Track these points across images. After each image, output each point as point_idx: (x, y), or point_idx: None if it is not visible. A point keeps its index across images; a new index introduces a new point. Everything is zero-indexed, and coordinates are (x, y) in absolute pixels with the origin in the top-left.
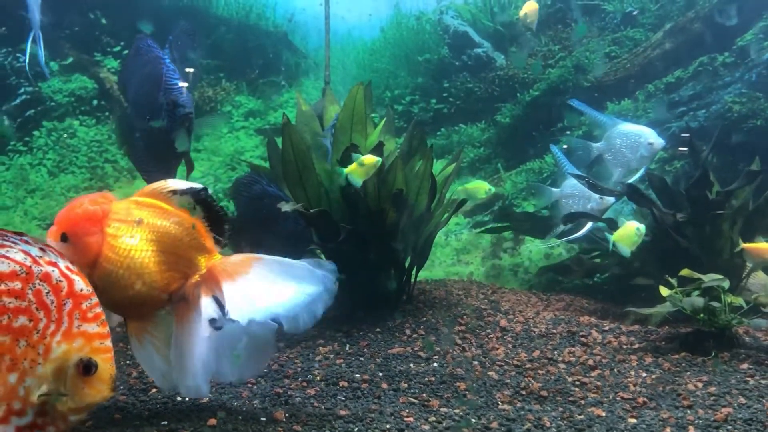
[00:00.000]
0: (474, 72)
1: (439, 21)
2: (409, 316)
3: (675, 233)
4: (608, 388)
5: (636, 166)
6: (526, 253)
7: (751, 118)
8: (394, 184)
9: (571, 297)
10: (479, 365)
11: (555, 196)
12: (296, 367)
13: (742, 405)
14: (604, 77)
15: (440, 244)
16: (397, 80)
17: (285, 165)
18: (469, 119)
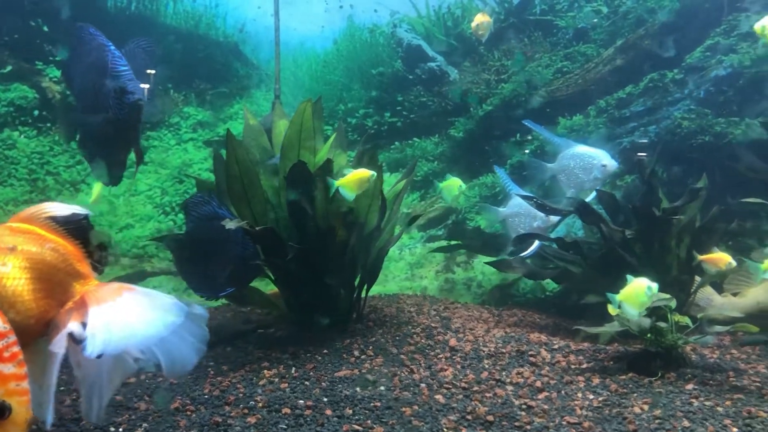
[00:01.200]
0: (427, 86)
1: (392, 34)
2: (358, 336)
3: (623, 250)
4: (555, 412)
5: (589, 188)
6: (479, 267)
7: (699, 134)
8: (343, 202)
9: (524, 311)
10: (427, 388)
11: (501, 215)
12: (238, 392)
13: (686, 428)
14: (556, 92)
15: (394, 259)
16: (350, 93)
17: (229, 181)
18: (423, 133)
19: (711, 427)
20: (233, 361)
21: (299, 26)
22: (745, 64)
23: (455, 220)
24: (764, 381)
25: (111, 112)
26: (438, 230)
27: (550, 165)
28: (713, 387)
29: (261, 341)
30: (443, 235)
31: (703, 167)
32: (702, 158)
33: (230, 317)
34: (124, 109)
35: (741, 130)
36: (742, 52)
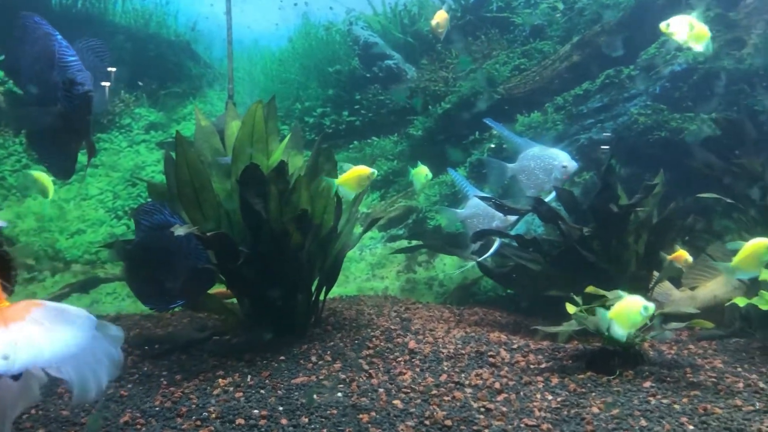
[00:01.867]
0: (385, 84)
1: (348, 32)
2: (316, 341)
3: (581, 248)
4: (513, 414)
5: (549, 188)
6: (441, 266)
7: (656, 129)
8: (298, 204)
9: (485, 310)
10: (385, 393)
11: (459, 217)
12: (191, 403)
13: (643, 428)
14: (514, 89)
15: (355, 259)
16: (307, 91)
17: (180, 185)
18: (382, 132)
19: (668, 426)
20: (187, 370)
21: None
22: (699, 60)
23: (416, 219)
24: (720, 376)
25: (60, 104)
26: (399, 230)
27: (511, 165)
28: (670, 384)
29: (216, 349)
30: (404, 235)
31: (659, 163)
32: (659, 154)
33: (186, 323)
34: (73, 101)
35: (696, 125)
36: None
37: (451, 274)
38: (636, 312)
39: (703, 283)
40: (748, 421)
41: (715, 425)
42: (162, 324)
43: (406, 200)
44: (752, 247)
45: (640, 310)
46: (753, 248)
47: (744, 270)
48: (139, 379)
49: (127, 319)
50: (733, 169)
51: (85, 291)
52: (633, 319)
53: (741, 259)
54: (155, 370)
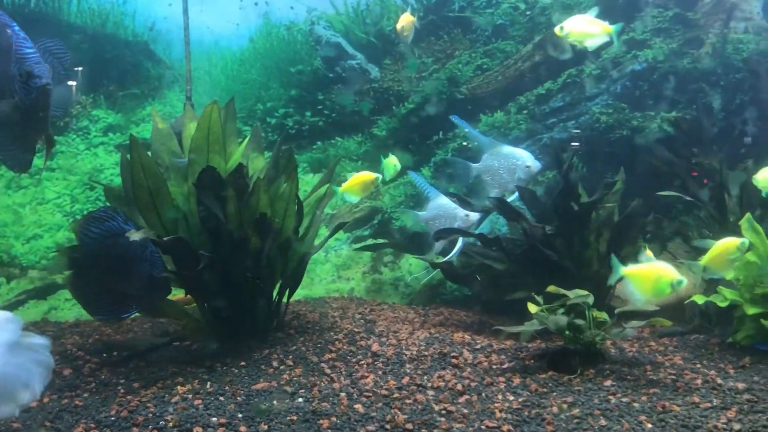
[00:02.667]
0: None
1: (310, 31)
2: (278, 346)
3: (544, 246)
4: (474, 416)
5: (513, 188)
6: (407, 266)
7: (617, 128)
8: (257, 208)
9: (450, 310)
10: (346, 398)
11: (421, 219)
12: (148, 412)
13: (603, 427)
14: (477, 89)
15: (320, 261)
16: (269, 92)
17: (136, 189)
18: (346, 132)
19: (627, 424)
20: (145, 378)
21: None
22: (659, 59)
23: (381, 219)
24: (679, 373)
25: (17, 96)
26: (364, 230)
27: (475, 165)
28: (630, 382)
29: (176, 355)
30: (369, 235)
31: (621, 161)
32: (620, 153)
33: (147, 329)
34: (30, 93)
35: (656, 124)
36: (656, 47)
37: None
38: (666, 282)
39: None
40: (705, 418)
41: (673, 423)
42: (122, 330)
43: (371, 201)
44: (722, 247)
45: (671, 282)
46: (723, 248)
47: (714, 270)
48: (95, 387)
49: (86, 325)
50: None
51: (43, 297)
52: (660, 289)
53: (710, 258)
54: (113, 378)
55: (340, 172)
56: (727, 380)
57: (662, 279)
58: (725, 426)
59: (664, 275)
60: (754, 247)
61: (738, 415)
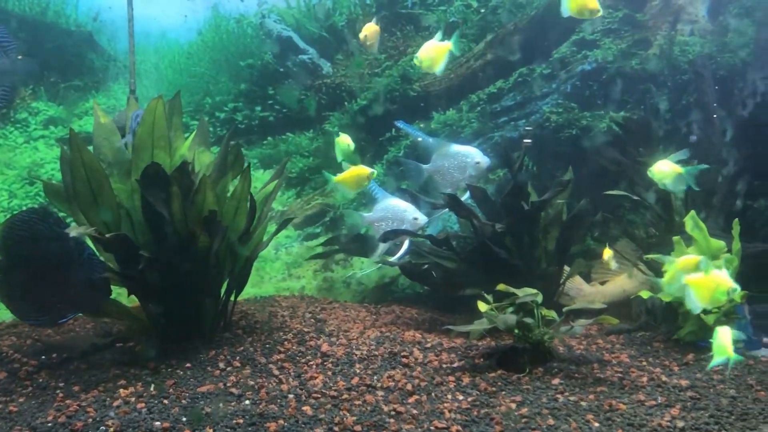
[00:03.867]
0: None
1: (261, 25)
2: (225, 346)
3: (494, 244)
4: (424, 417)
5: (465, 186)
6: (359, 265)
7: (567, 127)
8: (203, 205)
9: (402, 307)
10: (294, 399)
11: (367, 220)
12: (88, 417)
13: (551, 427)
14: (429, 87)
15: (270, 259)
16: (218, 86)
17: (76, 185)
18: (297, 128)
19: (574, 423)
20: (86, 381)
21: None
22: (608, 59)
23: (333, 217)
24: (626, 371)
25: None
26: (316, 228)
27: (425, 166)
28: (578, 380)
29: (119, 356)
30: (321, 232)
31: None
32: (570, 152)
33: (90, 329)
34: None
35: (605, 124)
36: (605, 48)
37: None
38: (722, 291)
39: (612, 277)
40: (650, 416)
41: (619, 421)
42: (62, 331)
43: (323, 198)
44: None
45: (727, 290)
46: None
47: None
48: (32, 392)
49: (25, 326)
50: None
51: None
52: (716, 298)
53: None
54: (51, 381)
55: (291, 168)
56: (671, 377)
57: (719, 287)
58: (669, 424)
59: (722, 284)
60: (696, 243)
61: (681, 412)
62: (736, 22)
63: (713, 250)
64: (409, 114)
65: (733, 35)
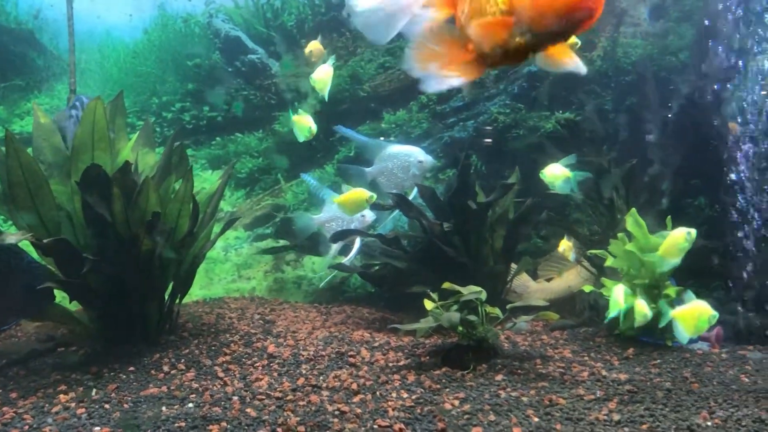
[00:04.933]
0: (249, 79)
1: (208, 24)
2: (170, 349)
3: (442, 243)
4: (367, 416)
5: (409, 186)
6: (310, 264)
7: (514, 127)
8: (146, 207)
9: (353, 307)
10: (239, 401)
11: (316, 222)
12: (24, 424)
13: (492, 423)
14: (379, 87)
15: (219, 260)
16: (165, 86)
17: (12, 187)
18: (246, 128)
19: (514, 419)
20: (24, 387)
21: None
22: None
23: (283, 217)
24: (568, 366)
25: None
26: (266, 228)
27: (369, 169)
28: (521, 376)
29: (61, 361)
30: (271, 234)
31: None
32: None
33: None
34: None
35: (551, 124)
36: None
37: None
38: (704, 320)
39: (558, 274)
40: (588, 410)
41: (558, 416)
42: (2, 337)
43: (273, 198)
44: (672, 239)
45: (708, 318)
46: (673, 240)
47: (668, 259)
48: None
49: None
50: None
51: None
52: (699, 326)
53: (664, 250)
54: None
55: (240, 168)
56: (611, 372)
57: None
58: (606, 417)
59: (704, 312)
60: (636, 239)
61: (618, 405)
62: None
63: (651, 247)
64: (359, 114)
65: (673, 38)
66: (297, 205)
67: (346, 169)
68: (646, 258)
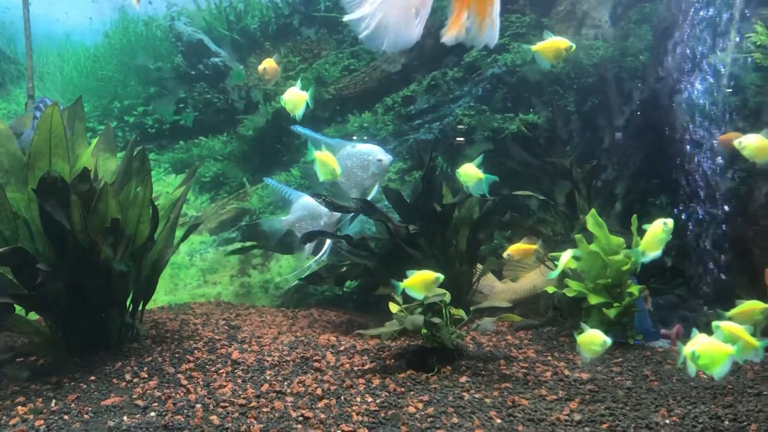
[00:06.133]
0: (212, 82)
1: (170, 27)
2: (132, 357)
3: (407, 245)
4: (331, 421)
5: (370, 184)
6: (276, 268)
7: (479, 129)
8: (106, 214)
9: (320, 310)
10: (202, 409)
11: (285, 224)
12: None
13: (455, 425)
14: (344, 90)
15: (184, 266)
16: (126, 89)
17: None
18: (210, 131)
19: (477, 421)
20: None
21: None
22: (517, 63)
23: (249, 220)
24: (531, 366)
25: None
26: (231, 232)
27: None
28: (484, 377)
29: (20, 372)
30: (237, 237)
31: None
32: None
33: None
34: None
35: (515, 125)
36: (514, 51)
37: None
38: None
39: (523, 274)
40: (549, 411)
41: (520, 417)
42: None
43: (238, 202)
44: (652, 231)
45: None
46: (653, 231)
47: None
48: None
49: None
50: (546, 167)
51: None
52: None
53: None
54: None
55: (204, 172)
56: (573, 371)
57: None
58: (567, 417)
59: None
60: (597, 240)
61: (580, 405)
62: (637, 27)
63: (613, 246)
64: (325, 117)
65: (633, 40)
66: (263, 208)
67: (308, 170)
68: (609, 258)
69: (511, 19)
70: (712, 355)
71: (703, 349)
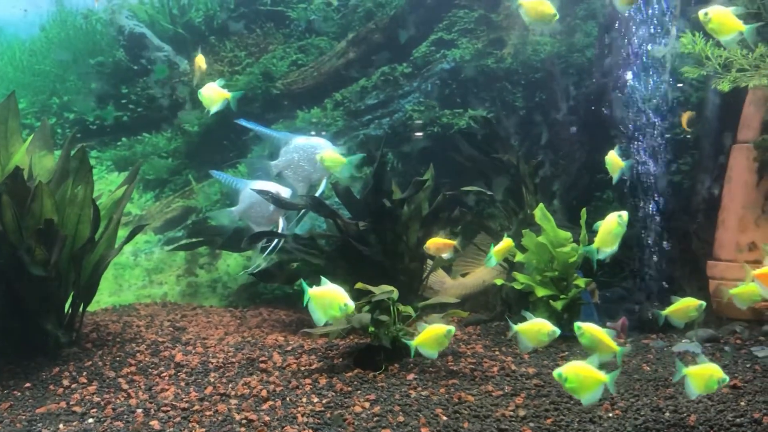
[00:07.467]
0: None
1: (111, 21)
2: (71, 362)
3: (358, 242)
4: (276, 423)
5: (318, 178)
6: (224, 267)
7: (429, 125)
8: (41, 214)
9: (270, 309)
10: (142, 414)
11: (236, 215)
12: None
13: (401, 423)
14: (293, 85)
15: (128, 266)
16: (65, 85)
17: None
18: (154, 127)
19: (423, 419)
20: None
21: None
22: (466, 59)
23: (195, 219)
24: (479, 362)
25: None
26: (177, 231)
27: (274, 162)
28: (432, 374)
29: None
30: (183, 237)
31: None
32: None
33: None
34: None
35: (465, 121)
36: (463, 47)
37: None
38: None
39: (473, 269)
40: (495, 407)
41: (466, 413)
42: None
43: (184, 200)
44: (605, 226)
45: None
46: (606, 227)
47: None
48: None
49: None
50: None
51: None
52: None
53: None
54: None
55: (148, 170)
56: (520, 366)
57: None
58: (512, 413)
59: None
60: (545, 233)
61: (525, 400)
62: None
63: (560, 240)
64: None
65: (580, 36)
66: (210, 206)
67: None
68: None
69: (459, 14)
70: (581, 380)
71: (569, 372)
